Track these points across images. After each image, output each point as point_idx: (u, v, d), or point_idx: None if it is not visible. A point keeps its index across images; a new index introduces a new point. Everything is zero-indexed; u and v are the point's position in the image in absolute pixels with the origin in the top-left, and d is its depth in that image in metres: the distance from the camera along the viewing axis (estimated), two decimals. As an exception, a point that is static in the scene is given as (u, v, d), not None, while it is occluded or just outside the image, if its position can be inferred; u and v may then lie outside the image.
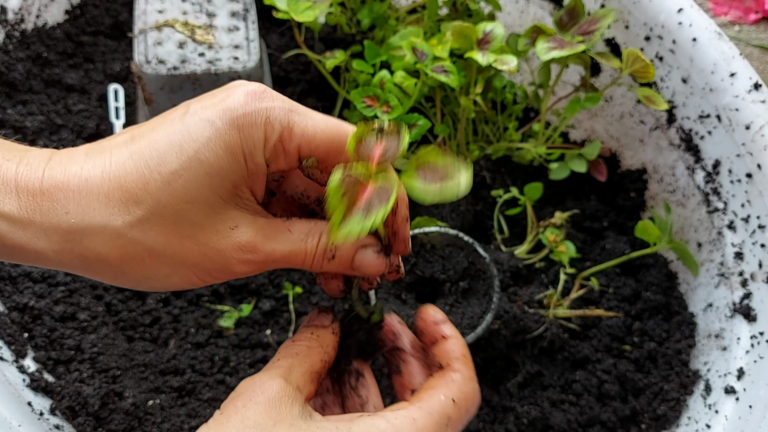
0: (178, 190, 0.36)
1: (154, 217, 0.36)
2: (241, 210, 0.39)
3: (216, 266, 0.38)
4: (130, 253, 0.37)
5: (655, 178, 0.76)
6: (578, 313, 0.66)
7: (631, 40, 0.73)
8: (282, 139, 0.38)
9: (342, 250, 0.40)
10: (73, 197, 0.36)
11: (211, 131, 0.36)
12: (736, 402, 0.61)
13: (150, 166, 0.36)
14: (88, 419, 0.58)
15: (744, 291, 0.65)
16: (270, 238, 0.39)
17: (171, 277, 0.38)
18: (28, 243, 0.36)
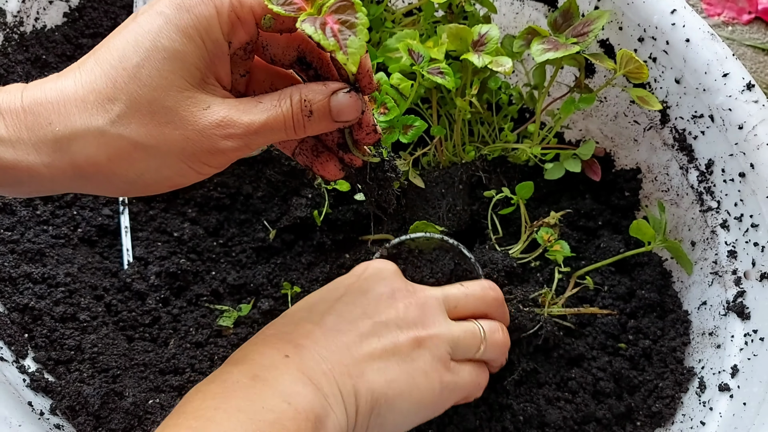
0: (144, 80, 0.37)
1: (130, 110, 0.38)
2: (209, 94, 0.40)
3: (202, 148, 0.39)
4: (117, 151, 0.38)
5: (649, 178, 0.77)
6: (573, 311, 0.67)
7: (625, 41, 0.73)
8: (234, 8, 0.39)
9: (316, 103, 0.41)
10: (53, 108, 0.37)
11: (162, 19, 0.38)
12: (730, 399, 0.61)
13: (115, 65, 0.38)
14: (89, 419, 0.58)
15: (737, 289, 0.65)
16: (245, 112, 0.40)
17: (162, 170, 0.39)
18: (20, 160, 0.37)
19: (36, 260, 0.66)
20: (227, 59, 0.41)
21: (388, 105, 0.65)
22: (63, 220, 0.69)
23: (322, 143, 0.48)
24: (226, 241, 0.71)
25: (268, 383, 0.43)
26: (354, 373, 0.47)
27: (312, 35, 0.37)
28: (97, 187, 0.40)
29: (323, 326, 0.49)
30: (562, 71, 0.80)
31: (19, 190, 0.40)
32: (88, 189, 0.41)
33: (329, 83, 0.42)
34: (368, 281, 0.53)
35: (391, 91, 0.66)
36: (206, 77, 0.40)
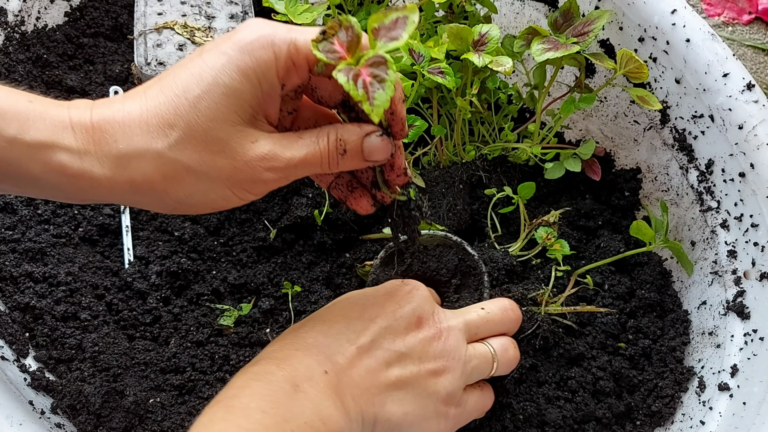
0: (203, 111, 0.42)
1: (187, 137, 0.42)
2: (258, 129, 0.44)
3: (246, 177, 0.43)
4: (171, 173, 0.42)
5: (649, 178, 0.77)
6: (570, 310, 0.67)
7: (626, 41, 0.74)
8: (290, 56, 0.43)
9: (350, 143, 0.45)
10: (119, 128, 0.42)
11: (225, 59, 0.42)
12: (729, 399, 0.61)
13: (178, 95, 0.42)
14: (89, 417, 0.58)
15: (737, 289, 0.65)
16: (287, 147, 0.44)
17: (209, 194, 0.44)
18: (86, 171, 0.42)
19: (37, 259, 0.66)
20: (278, 99, 0.45)
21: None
22: (64, 220, 0.69)
23: (357, 179, 0.52)
24: (227, 241, 0.71)
25: (308, 397, 0.45)
26: (376, 402, 0.50)
27: (344, 84, 0.41)
28: (149, 202, 0.44)
29: (359, 347, 0.51)
30: (562, 71, 0.80)
31: (79, 197, 0.44)
32: (140, 203, 0.44)
33: (364, 125, 0.46)
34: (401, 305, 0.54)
35: (391, 90, 0.66)
36: (257, 114, 0.44)
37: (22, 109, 0.41)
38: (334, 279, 0.68)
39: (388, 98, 0.40)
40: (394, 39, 0.41)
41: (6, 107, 0.41)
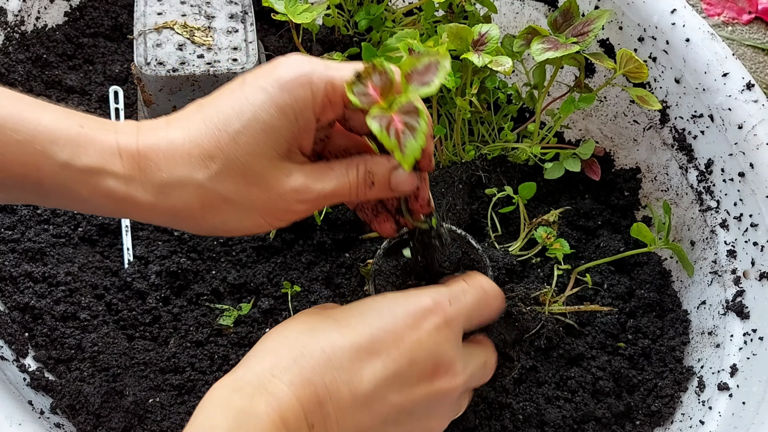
0: (242, 146, 0.44)
1: (226, 169, 0.44)
2: (292, 162, 0.46)
3: (279, 208, 0.46)
4: (210, 201, 0.45)
5: (649, 177, 0.77)
6: (573, 309, 0.67)
7: (625, 41, 0.74)
8: (328, 95, 0.45)
9: (378, 175, 0.47)
10: (163, 156, 0.44)
11: (265, 96, 0.44)
12: (729, 398, 0.61)
13: (219, 128, 0.44)
14: (89, 417, 0.58)
15: (737, 289, 0.65)
16: (318, 179, 0.47)
17: (243, 221, 0.46)
18: (131, 196, 0.44)
19: (36, 259, 0.66)
20: (313, 132, 0.47)
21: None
22: (63, 219, 0.69)
23: (383, 204, 0.54)
24: (227, 240, 0.71)
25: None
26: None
27: (377, 133, 0.42)
28: (186, 226, 0.47)
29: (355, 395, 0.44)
30: (562, 71, 0.80)
31: (121, 216, 0.47)
32: (178, 226, 0.47)
33: (393, 158, 0.46)
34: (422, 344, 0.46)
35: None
36: (292, 147, 0.46)
37: (74, 134, 0.44)
38: (333, 279, 0.68)
39: (419, 148, 0.42)
40: (426, 84, 0.43)
41: (60, 133, 0.43)
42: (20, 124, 0.43)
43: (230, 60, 0.70)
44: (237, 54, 0.71)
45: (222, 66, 0.70)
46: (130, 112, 0.79)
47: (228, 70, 0.69)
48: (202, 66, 0.69)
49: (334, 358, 0.43)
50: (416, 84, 0.43)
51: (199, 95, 0.70)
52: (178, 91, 0.70)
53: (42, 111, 0.44)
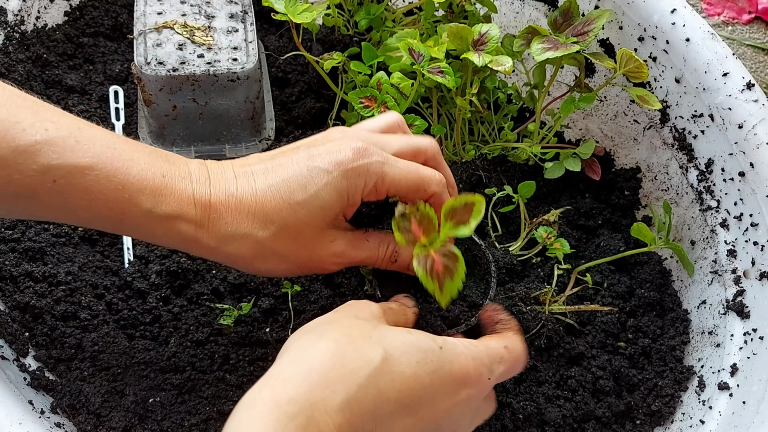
0: (300, 217, 0.51)
1: (282, 232, 0.51)
2: (337, 229, 0.54)
3: (316, 265, 0.54)
4: (262, 254, 0.52)
5: (649, 177, 0.77)
6: (573, 309, 0.67)
7: (625, 41, 0.74)
8: (376, 185, 0.52)
9: (402, 256, 0.56)
10: (230, 213, 0.51)
11: (328, 178, 0.51)
12: (729, 398, 0.61)
13: (283, 198, 0.51)
14: (89, 417, 0.58)
15: (737, 288, 0.66)
16: (355, 248, 0.54)
17: (283, 269, 0.54)
18: (198, 239, 0.51)
19: (37, 259, 0.66)
20: (356, 208, 0.55)
21: (388, 104, 0.66)
22: (64, 219, 0.69)
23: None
24: (227, 240, 0.71)
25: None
26: None
27: (420, 276, 0.50)
28: (235, 266, 0.55)
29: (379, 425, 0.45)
30: (562, 70, 0.80)
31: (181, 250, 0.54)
32: (225, 263, 0.54)
33: None
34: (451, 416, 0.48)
35: (391, 90, 0.66)
36: (338, 218, 0.54)
37: (158, 184, 0.50)
38: (333, 279, 0.68)
39: (456, 289, 0.50)
40: (462, 223, 0.51)
41: (146, 183, 0.49)
42: (113, 173, 0.48)
43: (230, 60, 0.70)
44: (237, 54, 0.71)
45: (222, 66, 0.70)
46: (130, 112, 0.78)
47: (228, 70, 0.69)
48: (203, 66, 0.69)
49: (380, 411, 0.44)
50: (454, 222, 0.51)
51: (199, 95, 0.70)
52: (178, 91, 0.70)
53: (133, 154, 0.50)
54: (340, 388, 0.43)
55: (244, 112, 0.73)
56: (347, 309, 0.50)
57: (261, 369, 0.63)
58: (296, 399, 0.41)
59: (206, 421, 0.60)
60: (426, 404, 0.46)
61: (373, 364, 0.44)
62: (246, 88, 0.71)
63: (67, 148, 0.48)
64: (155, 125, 0.73)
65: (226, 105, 0.72)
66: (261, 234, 0.51)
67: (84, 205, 0.49)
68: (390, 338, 0.47)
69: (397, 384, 0.45)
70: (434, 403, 0.47)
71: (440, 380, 0.47)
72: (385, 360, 0.45)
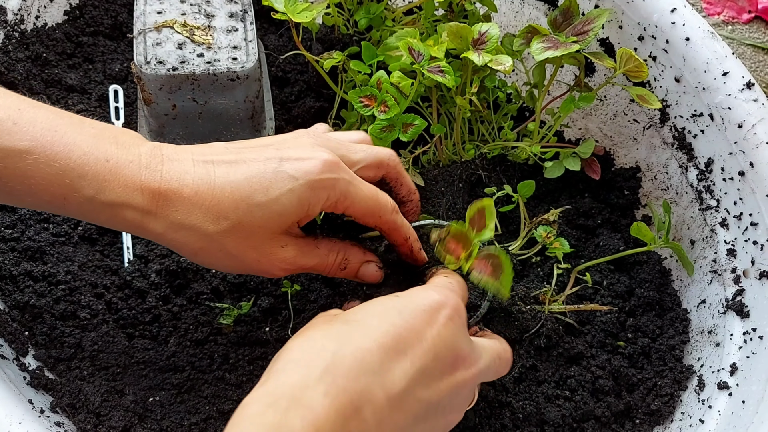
0: (256, 219, 0.50)
1: (234, 230, 0.50)
2: (289, 235, 0.53)
3: (263, 268, 0.53)
4: (208, 248, 0.51)
5: (649, 176, 0.77)
6: (573, 308, 0.67)
7: (625, 40, 0.74)
8: (338, 202, 0.52)
9: (351, 264, 0.56)
10: (182, 202, 0.49)
11: (293, 185, 0.50)
12: (729, 397, 0.61)
13: (242, 197, 0.49)
14: (89, 416, 0.58)
15: (737, 288, 0.66)
16: (305, 255, 0.53)
17: (227, 266, 0.53)
18: (145, 225, 0.49)
19: (36, 258, 0.66)
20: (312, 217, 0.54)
21: (388, 103, 0.66)
22: (63, 218, 0.69)
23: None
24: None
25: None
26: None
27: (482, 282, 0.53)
28: (181, 253, 0.52)
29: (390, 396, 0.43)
30: (561, 70, 0.80)
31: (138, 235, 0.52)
32: (170, 248, 0.53)
33: (368, 253, 0.58)
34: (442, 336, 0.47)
35: (391, 89, 0.66)
36: (293, 225, 0.53)
37: (101, 170, 0.48)
38: (333, 278, 0.68)
39: (510, 279, 0.53)
40: (482, 228, 0.54)
41: (88, 168, 0.47)
42: (53, 158, 0.47)
43: (230, 59, 0.70)
44: (237, 53, 0.71)
45: (222, 65, 0.69)
46: (130, 111, 0.78)
47: (228, 69, 0.69)
48: (202, 65, 0.69)
49: (365, 362, 0.42)
50: (476, 230, 0.55)
51: (198, 94, 0.70)
52: (177, 90, 0.70)
53: (76, 137, 0.48)
54: (315, 362, 0.42)
55: (244, 112, 0.73)
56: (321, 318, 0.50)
57: (260, 368, 0.63)
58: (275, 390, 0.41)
59: (206, 421, 0.60)
60: (412, 339, 0.45)
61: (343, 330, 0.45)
62: (246, 87, 0.71)
63: (4, 131, 0.46)
64: (155, 124, 0.73)
65: (225, 104, 0.72)
66: (211, 228, 0.50)
67: (24, 189, 0.47)
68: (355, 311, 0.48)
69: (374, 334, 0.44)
70: (421, 336, 0.45)
71: (415, 314, 0.46)
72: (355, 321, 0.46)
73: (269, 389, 0.41)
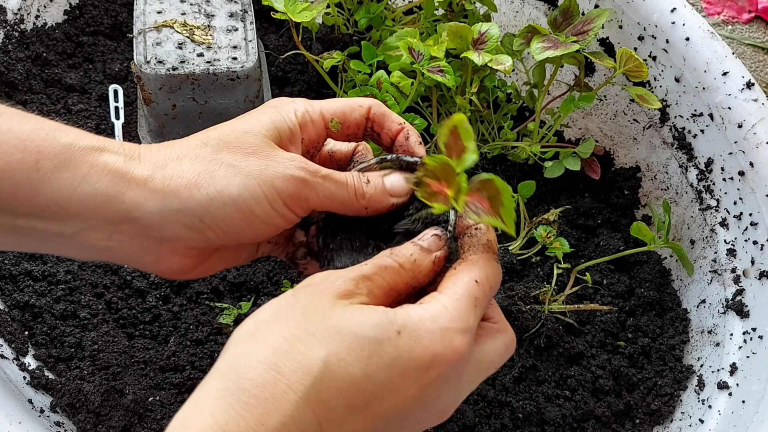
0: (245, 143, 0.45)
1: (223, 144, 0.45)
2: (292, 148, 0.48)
3: (277, 173, 0.44)
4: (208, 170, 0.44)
5: (649, 176, 0.77)
6: (573, 308, 0.67)
7: (625, 40, 0.74)
8: (306, 110, 0.48)
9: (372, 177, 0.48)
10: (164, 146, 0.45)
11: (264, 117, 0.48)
12: (728, 397, 0.61)
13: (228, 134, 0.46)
14: (89, 416, 0.58)
15: (736, 287, 0.66)
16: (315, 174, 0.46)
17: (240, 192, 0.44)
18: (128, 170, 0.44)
19: (36, 258, 0.66)
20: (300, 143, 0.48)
21: (388, 103, 0.66)
22: (63, 218, 0.69)
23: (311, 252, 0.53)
24: (226, 239, 0.71)
25: None
26: None
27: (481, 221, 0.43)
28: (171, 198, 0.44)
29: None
30: (561, 70, 0.80)
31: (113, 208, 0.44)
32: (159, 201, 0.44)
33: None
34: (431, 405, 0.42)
35: (391, 89, 0.66)
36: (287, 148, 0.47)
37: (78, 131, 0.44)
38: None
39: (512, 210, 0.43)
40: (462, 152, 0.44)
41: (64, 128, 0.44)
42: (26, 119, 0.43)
43: (230, 59, 0.70)
44: (237, 53, 0.71)
45: (222, 65, 0.69)
46: (129, 111, 0.78)
47: (228, 69, 0.69)
48: (202, 64, 0.69)
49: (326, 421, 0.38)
50: (456, 156, 0.44)
51: (198, 94, 0.70)
52: (177, 90, 0.70)
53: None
54: (273, 409, 0.36)
55: (244, 111, 0.73)
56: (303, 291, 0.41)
57: (260, 368, 0.63)
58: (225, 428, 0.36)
59: (206, 420, 0.60)
60: (384, 399, 0.39)
61: (312, 374, 0.37)
62: (246, 87, 0.71)
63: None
64: (155, 124, 0.73)
65: (225, 104, 0.72)
66: (203, 151, 0.45)
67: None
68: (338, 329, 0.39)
69: (345, 389, 0.38)
70: (394, 396, 0.40)
71: (399, 372, 0.39)
72: (327, 365, 0.38)
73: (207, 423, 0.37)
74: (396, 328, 0.40)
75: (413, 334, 0.40)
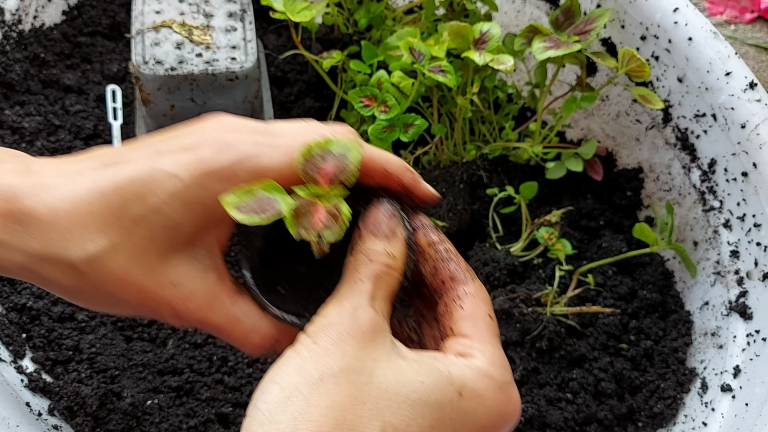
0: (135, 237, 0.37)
1: (109, 257, 0.37)
2: (192, 263, 0.40)
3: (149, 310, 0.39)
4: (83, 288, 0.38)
5: (651, 177, 0.77)
6: (575, 310, 0.67)
7: (627, 40, 0.73)
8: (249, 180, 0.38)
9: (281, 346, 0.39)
10: (37, 225, 0.36)
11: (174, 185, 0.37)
12: (732, 400, 0.61)
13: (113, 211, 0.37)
14: (87, 419, 0.58)
15: (740, 289, 0.65)
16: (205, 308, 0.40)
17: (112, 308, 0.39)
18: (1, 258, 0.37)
19: (34, 260, 0.66)
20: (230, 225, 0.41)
21: (388, 103, 0.65)
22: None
23: None
24: (226, 241, 0.71)
25: None
26: None
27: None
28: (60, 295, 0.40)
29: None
30: (563, 70, 0.80)
31: None
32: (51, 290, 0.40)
33: None
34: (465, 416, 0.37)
35: (392, 89, 0.66)
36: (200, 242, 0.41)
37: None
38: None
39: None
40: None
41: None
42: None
43: (229, 59, 0.70)
44: (236, 53, 0.70)
45: (221, 65, 0.69)
46: (128, 112, 0.78)
47: (227, 69, 0.69)
48: (201, 65, 0.69)
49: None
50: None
51: (197, 94, 0.70)
52: (176, 90, 0.69)
53: None
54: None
55: (243, 112, 0.73)
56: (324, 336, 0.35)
57: (260, 371, 0.63)
58: None
59: (204, 424, 0.60)
60: None
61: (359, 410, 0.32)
62: (245, 87, 0.71)
63: None
64: (153, 125, 0.72)
65: (224, 104, 0.72)
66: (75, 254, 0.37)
67: None
68: (391, 394, 0.33)
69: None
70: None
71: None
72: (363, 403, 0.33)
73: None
74: (456, 388, 0.35)
75: (475, 394, 0.36)
